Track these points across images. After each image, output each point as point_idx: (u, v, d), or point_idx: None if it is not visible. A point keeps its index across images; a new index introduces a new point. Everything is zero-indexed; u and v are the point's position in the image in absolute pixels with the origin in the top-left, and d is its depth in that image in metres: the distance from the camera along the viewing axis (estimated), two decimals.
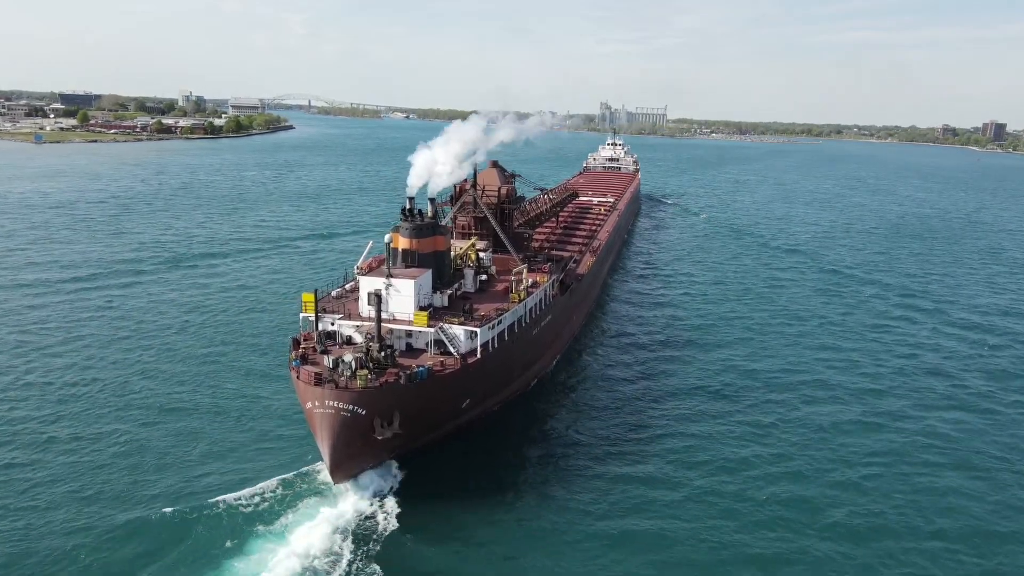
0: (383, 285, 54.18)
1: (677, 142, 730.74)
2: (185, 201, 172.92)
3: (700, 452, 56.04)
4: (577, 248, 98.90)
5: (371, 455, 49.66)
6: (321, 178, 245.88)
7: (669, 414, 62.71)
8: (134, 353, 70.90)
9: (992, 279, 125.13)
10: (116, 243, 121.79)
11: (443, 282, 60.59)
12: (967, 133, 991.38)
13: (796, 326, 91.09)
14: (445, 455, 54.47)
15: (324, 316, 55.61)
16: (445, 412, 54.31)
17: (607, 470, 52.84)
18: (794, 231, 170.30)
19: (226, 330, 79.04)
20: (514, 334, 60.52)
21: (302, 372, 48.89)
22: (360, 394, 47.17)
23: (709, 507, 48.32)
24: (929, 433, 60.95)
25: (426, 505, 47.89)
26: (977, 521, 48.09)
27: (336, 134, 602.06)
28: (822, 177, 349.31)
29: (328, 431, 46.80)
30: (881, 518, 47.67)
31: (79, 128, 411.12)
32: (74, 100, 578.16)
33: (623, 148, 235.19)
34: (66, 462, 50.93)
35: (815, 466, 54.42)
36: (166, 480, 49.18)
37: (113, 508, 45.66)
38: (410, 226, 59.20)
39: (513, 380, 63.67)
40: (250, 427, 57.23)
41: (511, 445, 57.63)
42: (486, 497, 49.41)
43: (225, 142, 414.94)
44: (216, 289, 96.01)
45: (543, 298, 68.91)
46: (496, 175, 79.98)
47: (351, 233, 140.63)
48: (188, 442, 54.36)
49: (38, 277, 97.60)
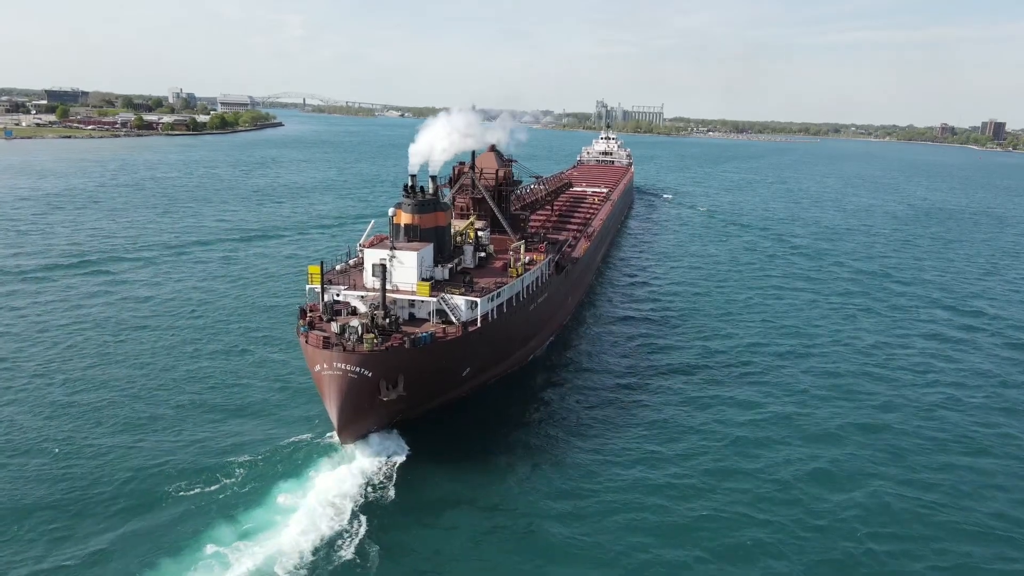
0: (387, 256, 58.13)
1: (674, 140, 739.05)
2: (124, 199, 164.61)
3: (694, 428, 59.53)
4: (572, 234, 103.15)
5: (377, 417, 53.39)
6: (290, 174, 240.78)
7: (663, 391, 66.66)
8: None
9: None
10: (25, 242, 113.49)
11: (444, 257, 64.53)
12: (966, 132, 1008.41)
13: (793, 314, 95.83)
14: (446, 424, 58.20)
15: (329, 287, 59.55)
16: (447, 378, 58.19)
17: (603, 442, 56.39)
18: (794, 225, 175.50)
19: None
20: (512, 307, 64.59)
21: (311, 337, 52.62)
22: (367, 357, 50.92)
23: (701, 482, 50.82)
24: (926, 406, 65.50)
25: (428, 467, 51.33)
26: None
27: (322, 130, 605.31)
28: (825, 176, 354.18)
29: (336, 392, 50.56)
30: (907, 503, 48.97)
31: (57, 124, 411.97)
32: (61, 97, 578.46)
33: (616, 142, 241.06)
34: (80, 426, 54.52)
35: (813, 440, 57.76)
36: (179, 444, 52.69)
37: (123, 470, 48.81)
38: (412, 202, 63.19)
39: (511, 353, 67.69)
40: (254, 396, 60.90)
41: (510, 415, 61.32)
42: (486, 461, 52.93)
43: (207, 139, 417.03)
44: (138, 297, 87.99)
45: (540, 276, 73.05)
46: (494, 158, 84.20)
47: (296, 234, 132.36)
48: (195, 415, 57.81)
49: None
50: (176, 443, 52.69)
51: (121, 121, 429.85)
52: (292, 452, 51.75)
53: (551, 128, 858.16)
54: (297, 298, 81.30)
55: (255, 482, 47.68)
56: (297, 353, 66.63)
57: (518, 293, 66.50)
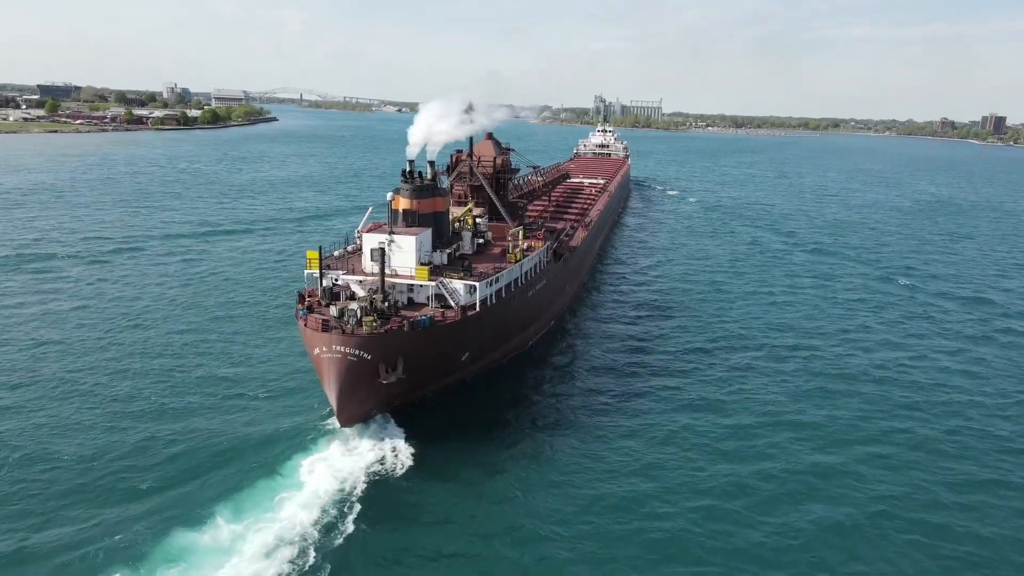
0: (386, 241, 58.85)
1: (672, 135, 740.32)
2: (91, 195, 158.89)
3: (694, 417, 60.07)
4: (570, 223, 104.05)
5: (376, 400, 54.08)
6: (273, 169, 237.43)
7: (661, 379, 67.43)
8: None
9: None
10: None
11: (442, 242, 65.22)
12: (966, 126, 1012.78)
13: (788, 301, 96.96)
14: (446, 408, 58.83)
15: (328, 272, 60.27)
16: (446, 362, 59.00)
17: (602, 431, 56.73)
18: (795, 219, 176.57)
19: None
20: (511, 293, 65.42)
21: (310, 320, 53.28)
22: (366, 339, 51.63)
23: (702, 475, 50.68)
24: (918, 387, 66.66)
25: (428, 451, 51.68)
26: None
27: (316, 125, 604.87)
28: (826, 169, 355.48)
29: (335, 375, 51.22)
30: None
31: (44, 119, 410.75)
32: (53, 92, 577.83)
33: (613, 135, 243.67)
34: (83, 412, 55.24)
35: (813, 428, 58.42)
36: (174, 430, 53.23)
37: (117, 456, 49.31)
38: (410, 187, 63.85)
39: (509, 339, 68.53)
40: (249, 383, 61.65)
41: (509, 401, 62.03)
42: (485, 446, 53.46)
43: (197, 133, 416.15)
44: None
45: (538, 263, 73.88)
46: (491, 146, 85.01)
47: (263, 230, 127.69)
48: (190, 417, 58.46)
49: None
50: (171, 429, 53.14)
51: (111, 116, 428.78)
52: (290, 436, 52.20)
53: (549, 123, 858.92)
54: (264, 297, 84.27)
55: (253, 467, 48.05)
56: (290, 342, 67.48)
57: (517, 279, 67.34)
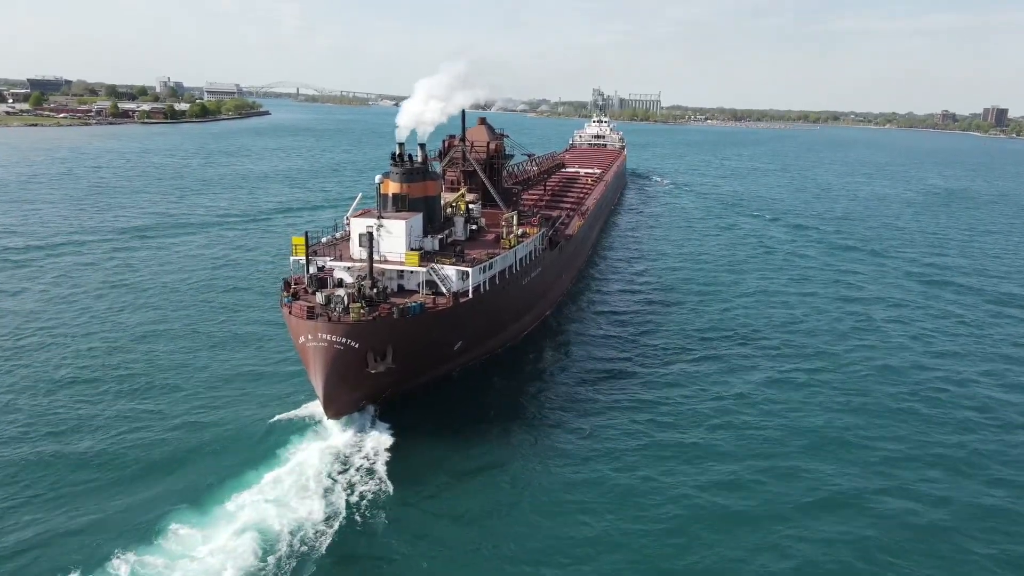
0: (374, 225, 57.46)
1: (671, 128, 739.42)
2: (45, 191, 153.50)
3: (693, 407, 59.10)
4: (565, 212, 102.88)
5: (364, 391, 52.69)
6: (252, 163, 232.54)
7: (658, 369, 66.35)
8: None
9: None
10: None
11: (434, 227, 63.79)
12: (967, 119, 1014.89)
13: (786, 291, 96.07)
14: (437, 399, 57.66)
15: (315, 259, 58.86)
16: (438, 351, 57.67)
17: (598, 423, 55.58)
18: (797, 212, 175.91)
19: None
20: (505, 280, 64.08)
21: (294, 307, 51.72)
22: (353, 327, 50.19)
23: (702, 468, 49.49)
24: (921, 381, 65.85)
25: (417, 443, 50.63)
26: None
27: (310, 119, 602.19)
28: (830, 163, 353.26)
29: (321, 365, 49.76)
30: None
31: (27, 112, 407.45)
32: (43, 86, 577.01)
33: (609, 125, 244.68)
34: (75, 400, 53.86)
35: (800, 415, 58.08)
36: (158, 421, 52.08)
37: (99, 447, 48.29)
38: (400, 171, 62.30)
39: (503, 329, 67.25)
40: (233, 373, 60.33)
41: (503, 392, 60.94)
42: (477, 438, 52.22)
43: (184, 127, 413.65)
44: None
45: (533, 250, 72.58)
46: (485, 131, 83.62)
47: (218, 228, 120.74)
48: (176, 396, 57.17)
49: None
50: (155, 420, 51.98)
51: (96, 109, 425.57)
52: (275, 428, 50.97)
53: (547, 116, 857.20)
54: (246, 285, 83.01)
55: (237, 459, 46.91)
56: (275, 329, 66.14)
57: (511, 266, 66.04)
